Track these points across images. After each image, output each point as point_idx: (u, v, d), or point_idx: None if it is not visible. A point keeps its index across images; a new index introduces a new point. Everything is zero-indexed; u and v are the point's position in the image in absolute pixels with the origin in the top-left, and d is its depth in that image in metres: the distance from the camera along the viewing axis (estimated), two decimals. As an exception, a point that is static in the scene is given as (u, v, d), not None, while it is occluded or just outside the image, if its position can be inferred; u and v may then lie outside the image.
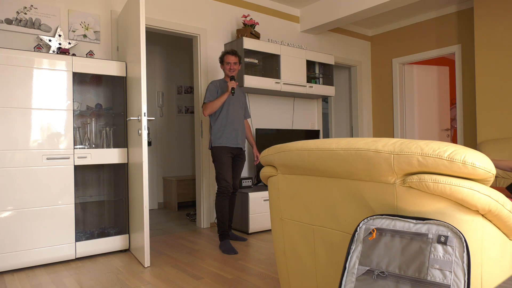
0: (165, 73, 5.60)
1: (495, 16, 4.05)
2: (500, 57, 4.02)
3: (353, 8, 4.40)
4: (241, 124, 3.41)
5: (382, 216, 1.23)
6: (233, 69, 3.34)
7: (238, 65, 3.40)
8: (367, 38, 6.07)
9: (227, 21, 4.39)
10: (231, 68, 3.33)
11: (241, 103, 3.45)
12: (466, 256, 1.02)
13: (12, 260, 2.67)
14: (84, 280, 2.52)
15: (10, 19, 3.05)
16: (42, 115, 2.82)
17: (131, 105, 3.07)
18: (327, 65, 5.02)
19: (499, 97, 4.02)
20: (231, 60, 3.33)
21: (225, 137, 3.29)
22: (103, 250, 3.06)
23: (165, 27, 3.88)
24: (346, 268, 1.23)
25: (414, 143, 1.18)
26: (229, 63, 3.33)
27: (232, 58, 3.33)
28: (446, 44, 5.11)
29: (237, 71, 3.40)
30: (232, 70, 3.34)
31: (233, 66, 3.34)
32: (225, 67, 3.35)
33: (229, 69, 3.33)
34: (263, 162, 1.81)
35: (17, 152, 2.70)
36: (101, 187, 3.43)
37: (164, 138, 5.54)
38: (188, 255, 3.07)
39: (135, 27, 2.89)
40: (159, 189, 5.48)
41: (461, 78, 4.93)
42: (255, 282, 2.42)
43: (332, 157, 1.39)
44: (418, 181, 1.15)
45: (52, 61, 2.87)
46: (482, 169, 1.08)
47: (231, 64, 3.33)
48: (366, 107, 6.00)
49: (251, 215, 3.73)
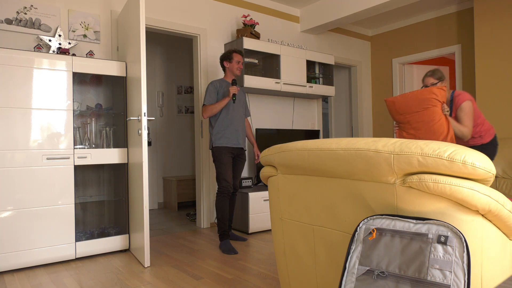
0: (165, 73, 5.60)
1: (495, 16, 4.04)
2: (500, 57, 4.02)
3: (353, 8, 4.40)
4: (242, 124, 3.42)
5: (382, 216, 1.23)
6: (240, 68, 3.38)
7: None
8: (367, 38, 6.07)
9: (227, 21, 4.39)
10: (239, 67, 3.37)
11: (241, 102, 3.45)
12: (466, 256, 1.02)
13: (12, 260, 2.67)
14: (84, 280, 2.52)
15: (10, 19, 3.05)
16: (42, 115, 2.82)
17: (131, 105, 3.07)
18: (327, 65, 5.01)
19: (499, 97, 4.02)
20: (240, 59, 3.37)
21: (226, 137, 3.29)
22: (103, 250, 3.06)
23: (165, 27, 3.88)
24: (346, 268, 1.23)
25: (414, 143, 1.18)
26: (238, 62, 3.36)
27: (240, 57, 3.37)
28: (446, 44, 5.11)
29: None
30: (240, 69, 3.38)
31: (240, 65, 3.38)
32: (234, 65, 3.36)
33: (237, 68, 3.36)
34: (263, 162, 1.81)
35: (17, 152, 2.70)
36: (101, 187, 3.43)
37: (164, 138, 5.54)
38: (188, 255, 3.07)
39: (135, 27, 2.89)
40: (159, 189, 5.48)
41: (461, 78, 4.93)
42: (255, 282, 2.42)
43: (332, 157, 1.39)
44: (418, 181, 1.15)
45: (52, 61, 2.87)
46: (482, 169, 1.08)
47: (240, 63, 3.37)
48: (366, 107, 6.00)
49: (251, 215, 3.73)
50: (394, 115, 2.84)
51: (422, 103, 2.66)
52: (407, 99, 2.71)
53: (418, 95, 2.66)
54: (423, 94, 2.65)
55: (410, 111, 2.71)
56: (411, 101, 2.68)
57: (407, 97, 2.71)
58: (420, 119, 2.68)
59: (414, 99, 2.67)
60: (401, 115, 2.76)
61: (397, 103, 2.76)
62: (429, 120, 2.65)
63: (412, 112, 2.70)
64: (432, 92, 2.61)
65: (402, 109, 2.74)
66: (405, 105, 2.71)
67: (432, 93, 2.62)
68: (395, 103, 2.77)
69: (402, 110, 2.74)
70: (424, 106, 2.66)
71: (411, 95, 2.69)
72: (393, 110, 2.82)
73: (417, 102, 2.67)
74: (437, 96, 2.61)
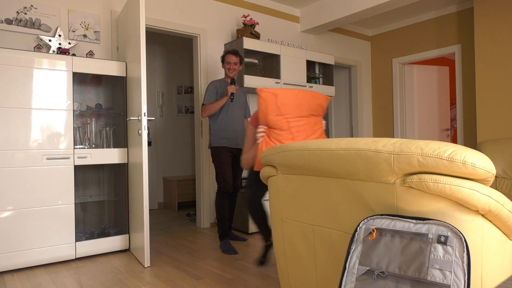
0: (165, 73, 5.60)
1: (495, 16, 4.05)
2: (500, 57, 4.02)
3: (353, 8, 4.40)
4: (241, 125, 3.39)
5: (382, 216, 1.23)
6: (232, 69, 3.30)
7: (239, 65, 3.36)
8: (367, 38, 6.07)
9: (227, 21, 4.39)
10: (231, 68, 3.30)
11: (240, 103, 3.43)
12: (466, 256, 1.02)
13: (12, 260, 2.67)
14: (84, 280, 2.52)
15: (10, 19, 3.05)
16: (42, 115, 2.82)
17: (131, 105, 3.07)
18: (327, 65, 5.02)
19: (499, 97, 4.02)
20: (231, 60, 3.30)
21: (225, 138, 3.28)
22: (103, 250, 3.06)
23: (165, 27, 3.88)
24: (346, 268, 1.23)
25: (414, 143, 1.18)
26: (229, 63, 3.30)
27: (232, 58, 3.30)
28: (446, 44, 5.11)
29: (237, 72, 3.37)
30: (232, 70, 3.31)
31: (233, 66, 3.30)
32: (225, 66, 3.33)
33: (229, 68, 3.30)
34: (263, 162, 1.81)
35: (17, 152, 2.70)
36: (101, 187, 3.43)
37: (164, 138, 5.54)
38: (188, 255, 3.07)
39: (135, 27, 2.89)
40: (159, 189, 5.48)
41: (461, 78, 4.93)
42: (255, 282, 2.42)
43: (332, 157, 1.39)
44: (418, 181, 1.15)
45: (52, 61, 2.87)
46: (482, 169, 1.08)
47: (231, 64, 3.30)
48: (366, 107, 6.00)
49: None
50: (268, 114, 2.10)
51: (314, 108, 2.11)
52: (298, 98, 2.09)
53: (313, 97, 2.12)
54: (319, 98, 2.12)
55: (296, 114, 2.09)
56: (304, 101, 2.10)
57: (298, 97, 2.09)
58: (303, 128, 2.09)
59: (307, 100, 2.11)
60: (281, 116, 2.10)
61: (283, 98, 2.08)
62: (314, 130, 2.12)
63: (298, 117, 2.10)
64: (326, 98, 2.14)
65: (286, 109, 2.08)
66: (292, 105, 2.08)
67: (326, 99, 2.14)
68: (278, 98, 2.09)
69: (286, 110, 2.08)
70: (313, 113, 2.12)
71: (303, 94, 2.11)
72: (271, 106, 2.10)
73: (307, 106, 2.11)
74: (324, 105, 2.14)
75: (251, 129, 2.39)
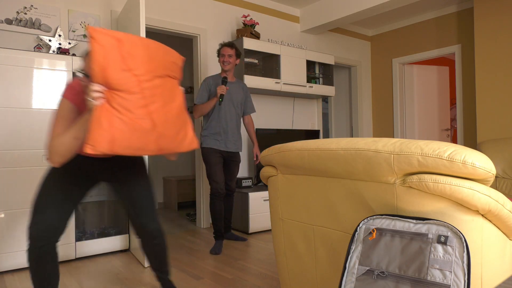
0: (165, 73, 5.59)
1: (495, 16, 4.05)
2: (500, 57, 4.02)
3: (353, 8, 4.40)
4: (234, 126, 3.26)
5: (382, 216, 1.23)
6: (227, 61, 3.17)
7: (235, 58, 3.21)
8: (367, 38, 6.07)
9: (227, 21, 4.39)
10: (225, 60, 3.17)
11: (235, 102, 3.27)
12: (466, 256, 1.03)
13: (12, 260, 2.67)
14: (84, 280, 2.52)
15: (10, 19, 3.05)
16: (42, 115, 2.82)
17: (131, 105, 3.06)
18: (327, 65, 5.02)
19: (499, 97, 4.02)
20: (226, 52, 3.17)
21: (214, 140, 3.18)
22: (103, 250, 3.06)
23: (165, 27, 3.88)
24: (346, 268, 1.23)
25: (414, 143, 1.18)
26: (223, 55, 3.18)
27: (227, 50, 3.17)
28: (446, 44, 5.11)
29: (232, 65, 3.22)
30: (227, 63, 3.17)
31: (227, 58, 3.17)
32: (220, 59, 3.22)
33: (223, 61, 3.18)
34: (263, 162, 1.81)
35: (17, 152, 2.70)
36: (101, 187, 3.43)
37: (164, 138, 5.53)
38: (188, 255, 3.07)
39: (135, 27, 2.89)
40: (159, 189, 5.48)
41: (461, 78, 4.93)
42: (255, 282, 2.42)
43: (332, 157, 1.39)
44: (418, 181, 1.15)
45: (52, 61, 2.87)
46: (482, 169, 1.08)
47: (225, 56, 3.17)
48: (366, 107, 6.00)
49: (251, 215, 3.73)
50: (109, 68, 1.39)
51: (169, 66, 1.60)
52: (150, 50, 1.51)
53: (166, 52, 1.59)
54: (173, 55, 1.62)
55: (148, 70, 1.49)
56: (157, 55, 1.53)
57: (150, 47, 1.51)
58: (159, 91, 1.52)
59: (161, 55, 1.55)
60: (129, 72, 1.43)
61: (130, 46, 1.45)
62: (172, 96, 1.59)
63: (152, 76, 1.51)
64: (180, 57, 1.67)
65: (136, 62, 1.45)
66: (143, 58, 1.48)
67: (180, 58, 1.67)
68: (124, 45, 1.43)
69: (135, 64, 1.45)
70: (168, 73, 1.59)
71: (156, 45, 1.54)
72: (113, 56, 1.40)
73: (162, 62, 1.56)
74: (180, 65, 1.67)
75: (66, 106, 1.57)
